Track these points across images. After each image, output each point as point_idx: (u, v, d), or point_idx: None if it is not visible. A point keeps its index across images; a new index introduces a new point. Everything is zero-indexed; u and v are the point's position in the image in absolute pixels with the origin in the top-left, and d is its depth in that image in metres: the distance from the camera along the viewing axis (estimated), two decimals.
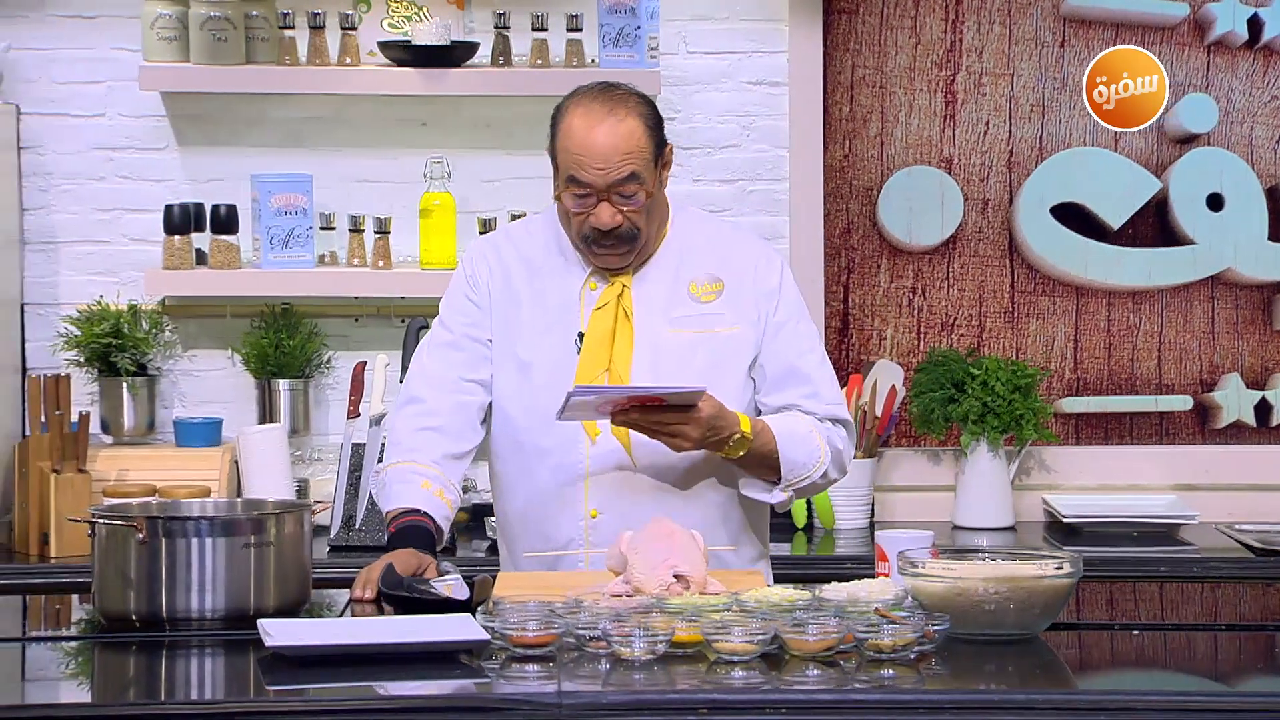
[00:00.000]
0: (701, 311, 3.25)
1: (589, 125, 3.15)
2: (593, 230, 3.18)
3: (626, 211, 3.17)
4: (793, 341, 3.28)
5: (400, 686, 2.61)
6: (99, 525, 2.94)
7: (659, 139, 3.20)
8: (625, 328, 3.23)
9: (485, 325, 3.28)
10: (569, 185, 3.17)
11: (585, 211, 3.17)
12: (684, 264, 3.27)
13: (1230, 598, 3.47)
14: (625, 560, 3.00)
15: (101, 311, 4.44)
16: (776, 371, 3.27)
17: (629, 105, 3.18)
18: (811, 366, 3.29)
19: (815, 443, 3.23)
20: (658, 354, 3.21)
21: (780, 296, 3.29)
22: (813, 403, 3.27)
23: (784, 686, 2.58)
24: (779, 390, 3.26)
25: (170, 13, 4.40)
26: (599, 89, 3.22)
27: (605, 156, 3.14)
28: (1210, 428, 4.69)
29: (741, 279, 3.28)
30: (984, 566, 2.85)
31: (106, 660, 2.84)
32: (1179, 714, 2.57)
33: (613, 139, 3.14)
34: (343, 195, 4.55)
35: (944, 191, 4.66)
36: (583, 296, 3.25)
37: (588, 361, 3.21)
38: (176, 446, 4.42)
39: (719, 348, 3.24)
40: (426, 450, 3.23)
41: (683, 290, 3.26)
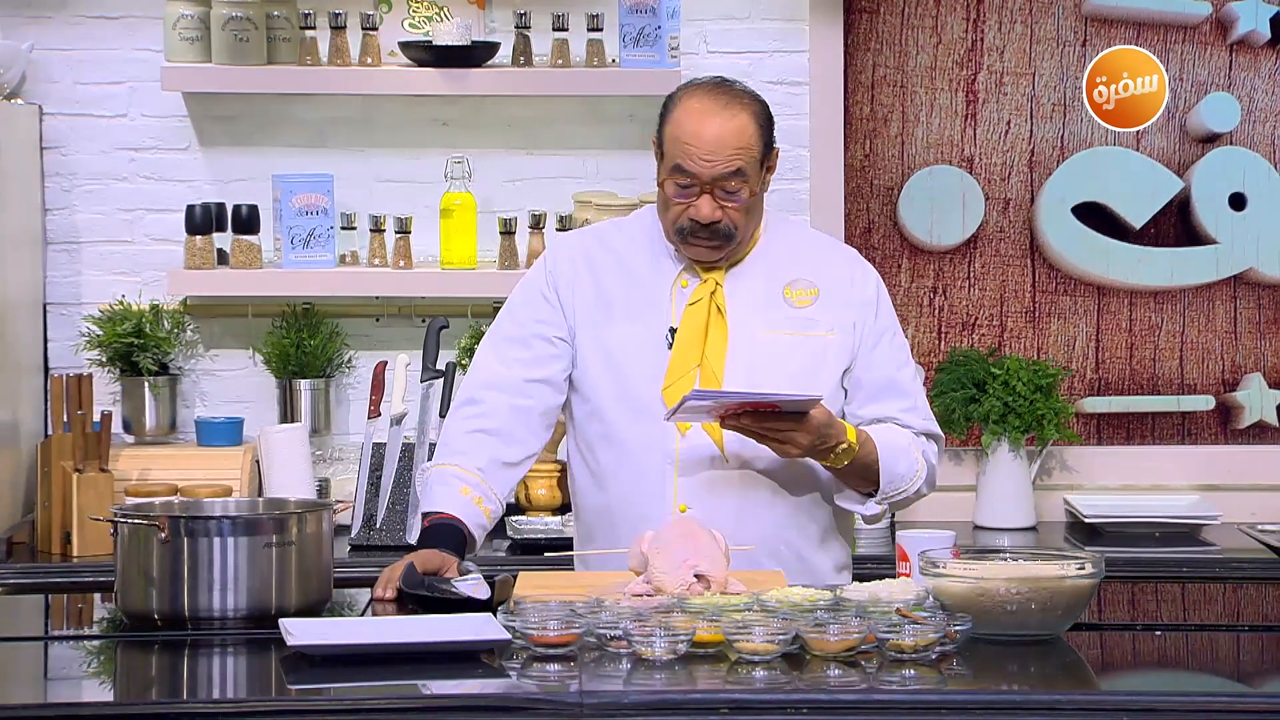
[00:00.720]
0: (797, 315, 3.23)
1: (702, 116, 3.15)
2: (690, 222, 3.16)
3: (727, 207, 3.16)
4: (891, 353, 3.27)
5: (422, 686, 2.62)
6: (121, 524, 2.95)
7: (768, 140, 3.19)
8: (719, 325, 3.21)
9: (558, 323, 3.26)
10: (673, 174, 3.16)
11: (686, 202, 3.16)
12: (778, 267, 3.26)
13: (1253, 598, 3.45)
14: (646, 560, 3.00)
15: (124, 311, 4.45)
16: (875, 383, 3.25)
17: (743, 102, 3.18)
18: (908, 379, 3.28)
19: (914, 456, 3.22)
20: (753, 354, 3.20)
21: (878, 307, 3.28)
22: (910, 416, 3.26)
23: (805, 686, 2.58)
24: (876, 402, 3.24)
25: (192, 13, 4.41)
26: (715, 82, 3.21)
27: (714, 149, 3.13)
28: (1232, 428, 4.68)
29: (836, 287, 3.26)
30: (1006, 567, 2.84)
31: (129, 659, 2.85)
32: (1202, 715, 2.56)
33: (724, 132, 3.13)
34: (364, 195, 4.56)
35: (965, 191, 4.65)
36: (674, 292, 3.24)
37: (679, 357, 3.19)
38: (198, 446, 4.43)
39: (815, 352, 3.22)
40: (475, 454, 3.21)
41: (777, 293, 3.24)
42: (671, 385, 3.17)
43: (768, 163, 3.20)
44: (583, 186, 4.56)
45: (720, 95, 3.17)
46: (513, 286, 4.42)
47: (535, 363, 3.25)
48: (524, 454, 3.24)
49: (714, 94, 3.17)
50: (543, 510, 4.38)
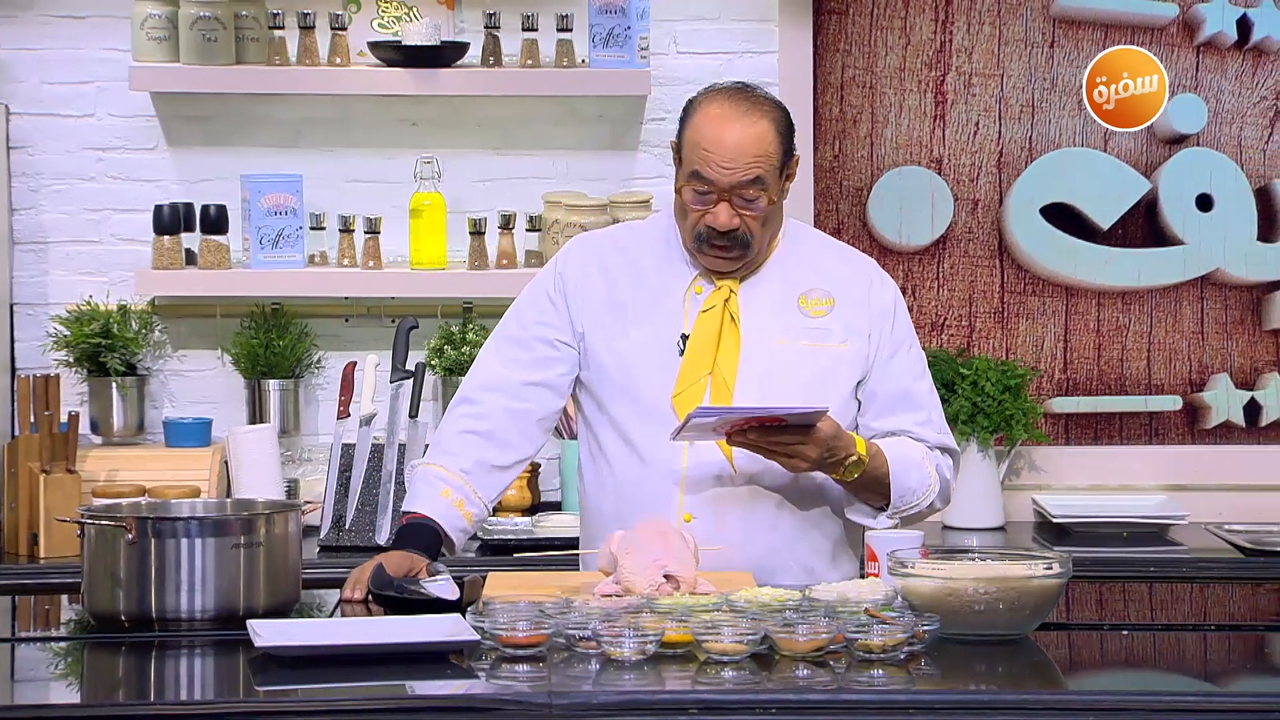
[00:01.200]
0: (811, 325, 3.20)
1: (722, 122, 3.11)
2: (707, 229, 3.13)
3: (745, 215, 3.12)
4: (907, 366, 3.24)
5: (390, 687, 2.61)
6: (88, 525, 2.94)
7: (788, 148, 3.16)
8: (731, 333, 3.17)
9: (562, 326, 3.23)
10: (691, 180, 3.13)
11: (703, 209, 3.13)
12: (794, 276, 3.22)
13: (1220, 598, 3.47)
14: (615, 560, 3.00)
15: (91, 311, 4.43)
16: (890, 395, 3.22)
17: (764, 109, 3.13)
18: (924, 392, 3.25)
19: (927, 470, 3.20)
20: (766, 363, 3.16)
21: (895, 318, 3.24)
22: (925, 429, 3.23)
23: (774, 687, 2.58)
24: (891, 414, 3.22)
25: (160, 13, 4.39)
26: (736, 88, 3.17)
27: (733, 156, 3.09)
28: (1200, 428, 4.70)
29: (853, 297, 3.23)
30: (974, 567, 2.85)
31: (96, 661, 2.84)
32: (1169, 714, 2.57)
33: (743, 139, 3.10)
34: (333, 195, 4.55)
35: (934, 192, 4.66)
36: (687, 298, 3.20)
37: (690, 365, 3.16)
38: (166, 447, 4.42)
39: (828, 363, 3.19)
40: (463, 455, 3.19)
41: (792, 302, 3.21)
42: (682, 393, 3.14)
43: (787, 170, 3.16)
44: (553, 187, 4.56)
45: (741, 102, 3.13)
46: (482, 287, 4.46)
47: (535, 365, 3.23)
48: (516, 458, 3.23)
49: (735, 100, 3.13)
50: (512, 511, 4.38)
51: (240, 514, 3.03)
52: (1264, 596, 3.57)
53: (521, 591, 2.95)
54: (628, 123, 4.59)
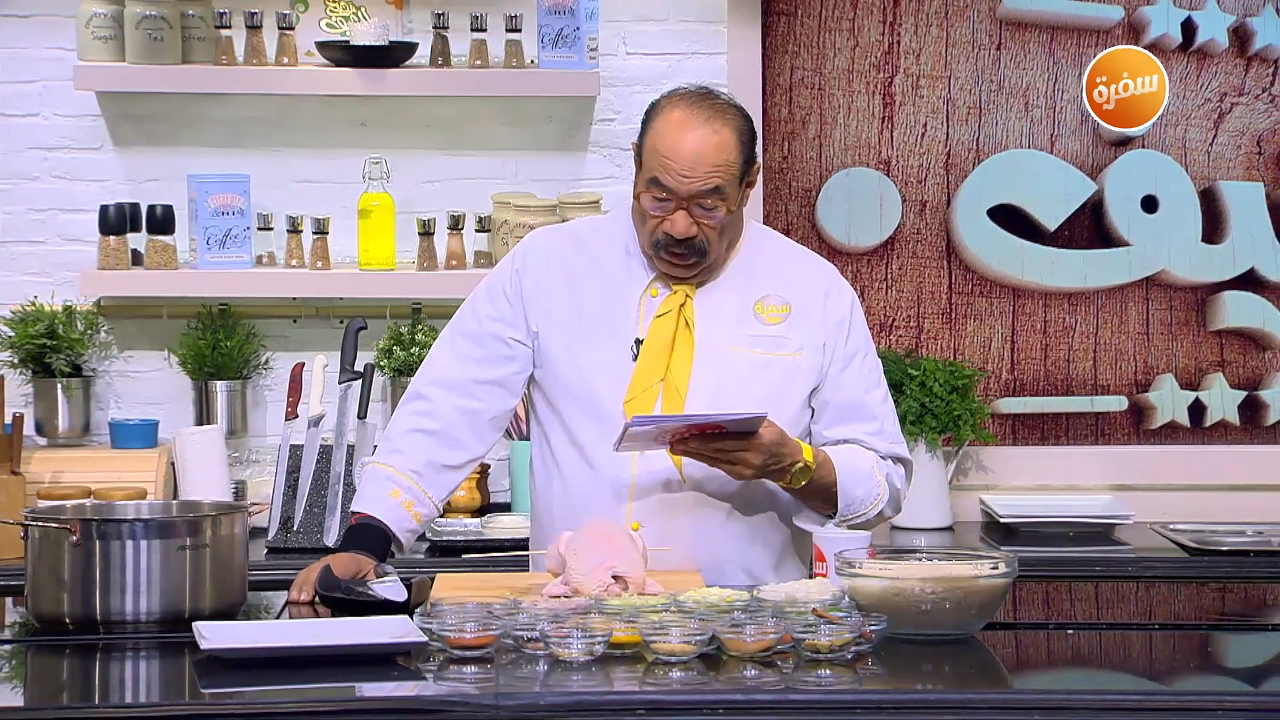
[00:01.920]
0: (766, 333, 3.18)
1: (683, 130, 3.07)
2: (665, 236, 3.10)
3: (703, 224, 3.09)
4: (861, 375, 3.22)
5: (337, 689, 2.60)
6: (32, 527, 2.91)
7: (749, 155, 3.12)
8: (686, 339, 3.15)
9: (516, 323, 3.21)
10: (650, 187, 3.09)
11: (661, 216, 3.10)
12: (752, 282, 3.20)
13: (1165, 597, 3.50)
14: (564, 561, 3.00)
15: (36, 312, 4.40)
16: (842, 404, 3.20)
17: (726, 116, 3.10)
18: (876, 402, 3.24)
19: (876, 480, 3.19)
20: (719, 371, 3.14)
21: (851, 328, 3.22)
22: (876, 439, 3.22)
23: (722, 687, 2.59)
24: (843, 424, 3.21)
25: (106, 12, 4.37)
26: (699, 94, 3.13)
27: (692, 165, 3.06)
28: (1145, 428, 4.73)
29: (810, 304, 3.21)
30: (920, 567, 2.86)
31: (40, 663, 2.82)
32: (1114, 713, 2.59)
33: (703, 148, 3.06)
34: (281, 195, 4.53)
35: (882, 193, 4.68)
36: (642, 302, 3.18)
37: (643, 371, 3.14)
38: (112, 448, 4.39)
39: (782, 372, 3.17)
40: (413, 454, 3.18)
41: (748, 309, 3.19)
42: (634, 398, 3.13)
43: (748, 178, 3.14)
44: (502, 187, 4.56)
45: (704, 109, 3.10)
46: (431, 288, 4.45)
47: (488, 363, 3.21)
48: (467, 457, 3.21)
49: (697, 106, 3.10)
50: (461, 512, 4.37)
51: (186, 515, 3.01)
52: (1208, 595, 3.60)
53: (470, 593, 2.94)
54: (577, 123, 4.59)
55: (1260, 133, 4.70)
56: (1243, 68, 4.70)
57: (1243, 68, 4.70)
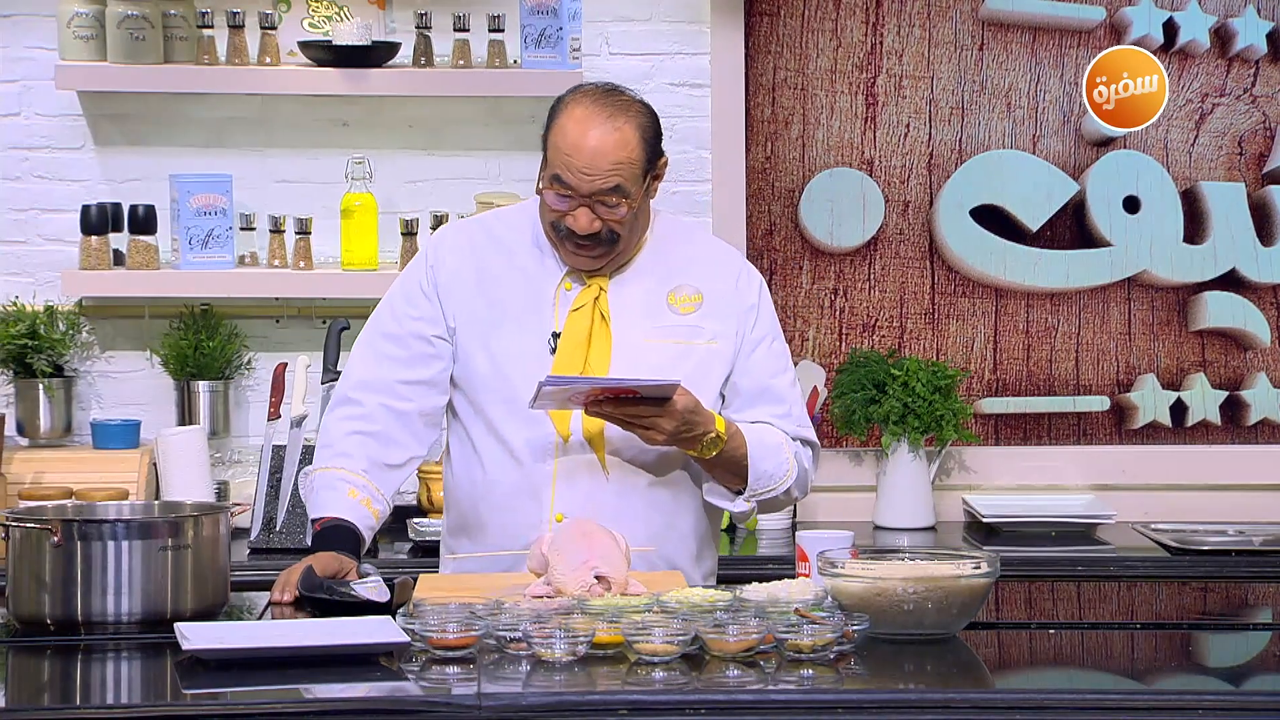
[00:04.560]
0: (681, 323, 3.20)
1: (584, 128, 3.08)
2: (567, 229, 3.12)
3: (607, 220, 3.11)
4: (768, 360, 3.25)
5: (319, 689, 2.60)
6: (13, 528, 2.91)
7: (654, 151, 3.13)
8: (602, 331, 3.17)
9: (436, 320, 3.20)
10: (553, 183, 3.10)
11: (564, 211, 3.11)
12: (664, 273, 3.22)
13: (1146, 596, 3.50)
14: (546, 561, 3.00)
15: (17, 312, 4.39)
16: (750, 389, 3.23)
17: (629, 114, 3.11)
18: (785, 386, 3.26)
19: (785, 456, 3.21)
20: (635, 362, 3.16)
21: (759, 314, 3.25)
22: (785, 422, 3.24)
23: (704, 687, 2.59)
24: (751, 408, 3.23)
25: (87, 11, 4.36)
26: (603, 91, 3.13)
27: (592, 163, 3.07)
28: (1127, 428, 4.74)
29: (721, 292, 3.23)
30: (903, 566, 2.86)
31: (20, 664, 2.81)
32: (1095, 712, 2.59)
33: (603, 146, 3.07)
34: (263, 195, 4.52)
35: (865, 193, 4.68)
36: (557, 296, 3.19)
37: (562, 364, 3.15)
38: (94, 449, 4.38)
39: (699, 361, 3.19)
40: (358, 456, 3.18)
41: (661, 300, 3.21)
42: None
43: (653, 173, 3.15)
44: (484, 187, 4.55)
45: (605, 105, 3.10)
46: None
47: (412, 363, 3.21)
48: (406, 456, 3.21)
49: (600, 103, 3.10)
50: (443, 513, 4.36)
51: (168, 516, 3.00)
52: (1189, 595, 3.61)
53: (452, 593, 2.94)
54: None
55: (1242, 133, 4.71)
56: (1224, 68, 4.71)
57: (1224, 68, 4.71)
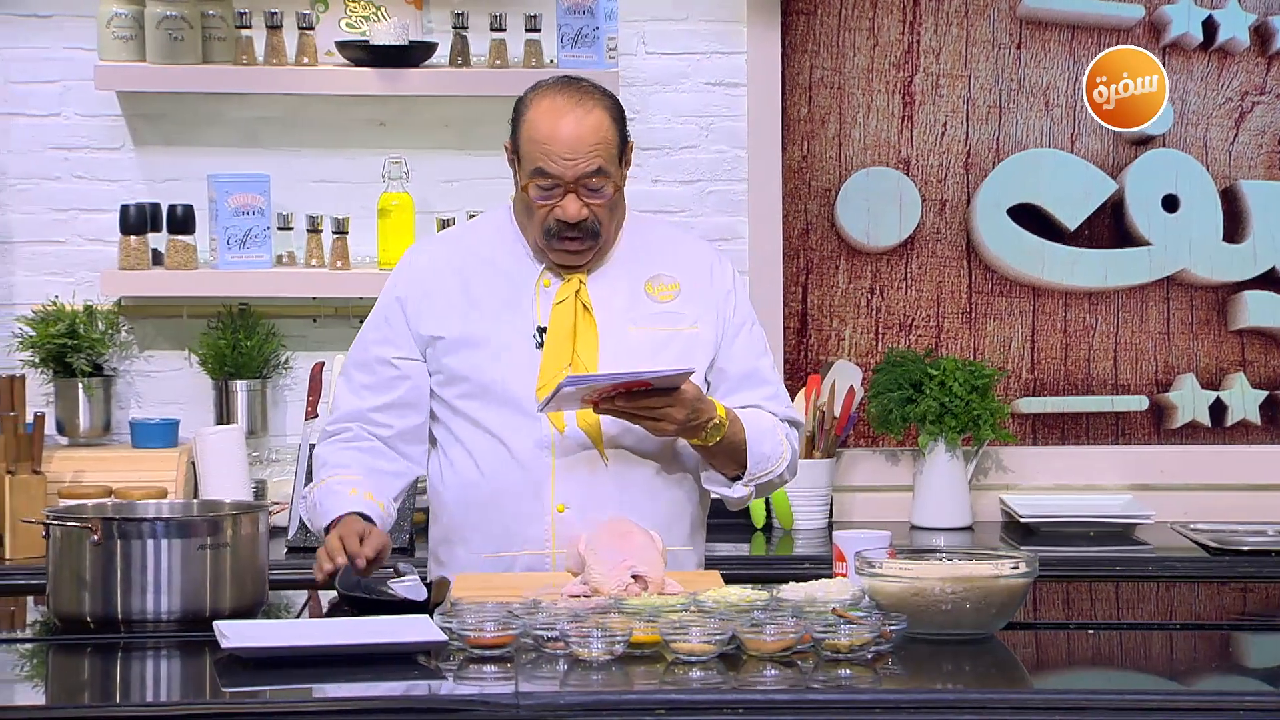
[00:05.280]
0: (661, 310, 3.25)
1: (556, 117, 3.14)
2: (557, 223, 3.16)
3: (592, 205, 3.16)
4: (751, 344, 3.30)
5: (357, 688, 2.61)
6: (53, 527, 2.92)
7: (623, 134, 3.21)
8: (587, 323, 3.21)
9: (400, 342, 3.24)
10: (535, 177, 3.15)
11: (550, 204, 3.16)
12: (638, 264, 3.27)
13: (1185, 597, 3.49)
14: (583, 561, 3.00)
15: (57, 312, 4.41)
16: (737, 373, 3.27)
17: (595, 98, 3.18)
18: (768, 368, 3.32)
19: (778, 438, 3.25)
20: (624, 350, 3.20)
21: (736, 298, 3.31)
22: (773, 404, 3.29)
23: (741, 687, 2.59)
24: (740, 391, 3.26)
25: (126, 12, 4.38)
26: (563, 82, 3.21)
27: (573, 148, 3.13)
28: (1166, 428, 4.72)
29: (697, 280, 3.28)
30: (940, 566, 2.86)
31: (61, 662, 2.83)
32: (1134, 713, 2.58)
33: (580, 130, 3.13)
34: (300, 195, 4.54)
35: (902, 192, 4.67)
36: (537, 291, 3.23)
37: (551, 356, 3.18)
38: (133, 448, 4.40)
39: (683, 347, 3.23)
40: (354, 465, 3.22)
41: (640, 290, 3.25)
42: (545, 385, 3.15)
43: (625, 157, 3.22)
44: None
45: (572, 94, 3.17)
46: None
47: (379, 388, 3.25)
48: (403, 468, 3.25)
49: (566, 93, 3.17)
50: None
51: (207, 515, 3.02)
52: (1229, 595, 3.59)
53: (489, 592, 2.95)
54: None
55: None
56: (1264, 66, 4.69)
57: (1264, 66, 4.69)
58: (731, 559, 4.10)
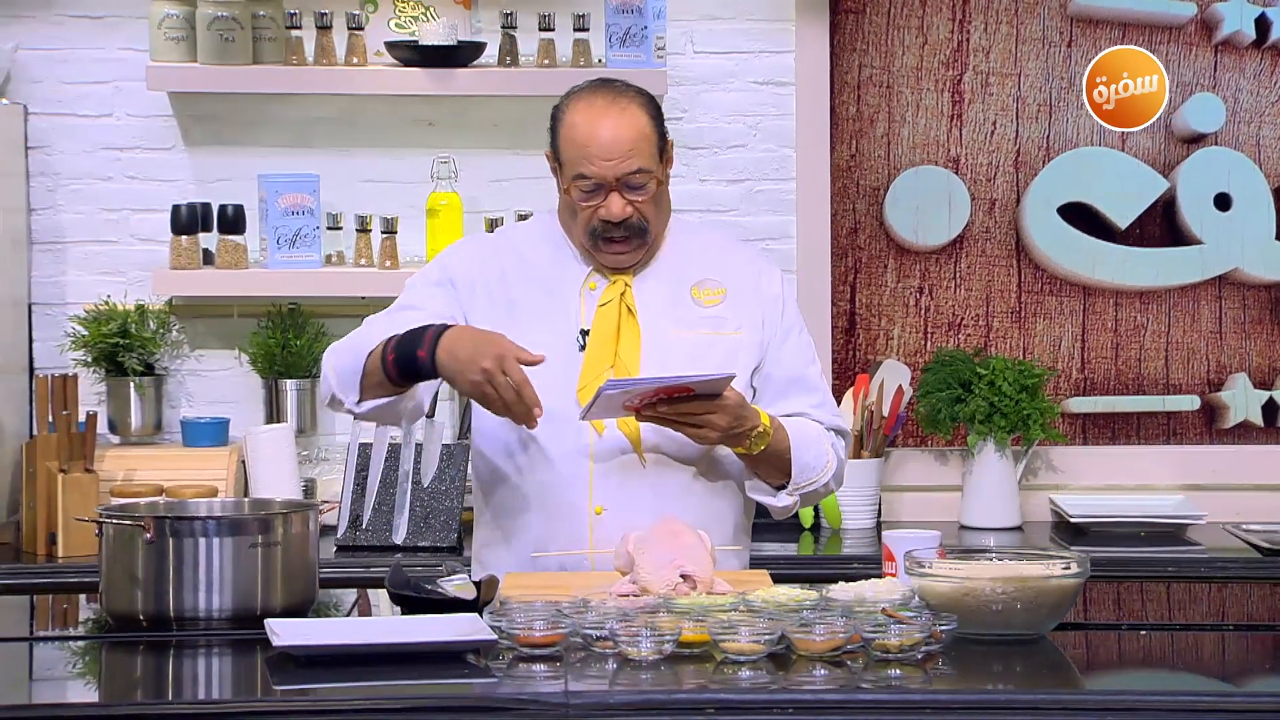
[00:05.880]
0: (706, 314, 3.24)
1: (594, 118, 3.16)
2: (602, 223, 3.17)
3: (636, 202, 3.16)
4: (799, 350, 3.28)
5: (407, 686, 2.61)
6: (106, 525, 2.94)
7: (661, 131, 3.21)
8: (630, 325, 3.21)
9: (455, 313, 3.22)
10: (577, 180, 3.16)
11: (594, 204, 3.16)
12: (684, 268, 3.26)
13: (1237, 598, 3.46)
14: (632, 560, 3.00)
15: (109, 311, 4.44)
16: (783, 378, 3.26)
17: (630, 96, 3.19)
18: (815, 376, 3.30)
19: (824, 448, 3.23)
20: (666, 353, 3.19)
21: (784, 304, 3.29)
22: (820, 411, 3.26)
23: (791, 687, 2.58)
24: (786, 398, 3.25)
25: (177, 13, 4.40)
26: (598, 84, 3.23)
27: (613, 148, 3.14)
28: (1217, 428, 4.69)
29: (743, 285, 3.27)
30: (991, 566, 2.85)
31: (114, 660, 2.84)
32: (1187, 714, 2.57)
33: (619, 130, 3.14)
34: (350, 195, 4.55)
35: (951, 191, 4.66)
36: (582, 294, 3.23)
37: (593, 358, 3.18)
38: (184, 446, 4.43)
39: (726, 351, 3.23)
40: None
41: (685, 293, 3.24)
42: (586, 386, 3.15)
43: (665, 154, 3.22)
44: None
45: (607, 94, 3.19)
46: None
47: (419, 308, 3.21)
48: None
49: (600, 94, 3.19)
50: None
51: (258, 514, 3.03)
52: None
53: (538, 591, 2.95)
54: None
55: None
56: None
57: None
58: (780, 559, 4.10)
